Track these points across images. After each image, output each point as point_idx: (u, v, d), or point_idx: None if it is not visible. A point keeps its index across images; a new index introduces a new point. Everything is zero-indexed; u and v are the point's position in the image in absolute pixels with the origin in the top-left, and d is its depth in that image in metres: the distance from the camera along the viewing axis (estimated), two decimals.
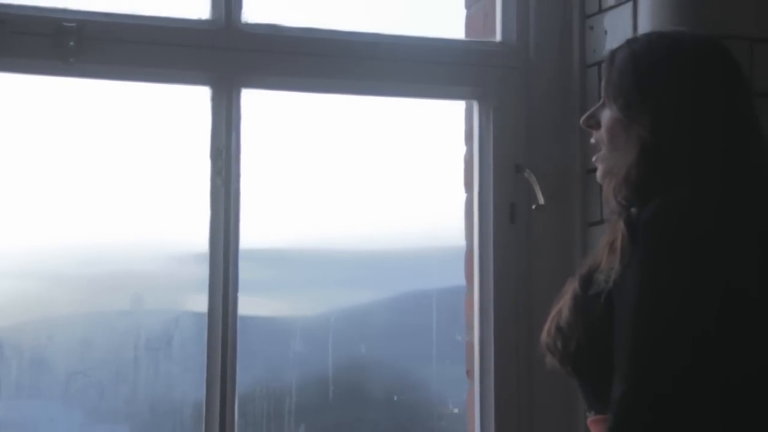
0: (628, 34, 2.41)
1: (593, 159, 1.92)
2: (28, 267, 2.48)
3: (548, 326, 1.87)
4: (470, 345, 2.67)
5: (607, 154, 1.87)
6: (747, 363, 1.70)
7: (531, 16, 2.72)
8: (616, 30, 2.56)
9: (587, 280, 1.83)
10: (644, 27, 2.44)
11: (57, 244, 2.49)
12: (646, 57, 1.84)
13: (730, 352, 1.68)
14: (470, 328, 2.68)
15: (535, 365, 2.45)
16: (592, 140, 1.92)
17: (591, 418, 1.83)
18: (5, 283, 2.47)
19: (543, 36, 2.72)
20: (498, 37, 2.75)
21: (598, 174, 1.91)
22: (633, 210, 1.76)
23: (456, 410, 2.71)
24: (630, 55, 1.85)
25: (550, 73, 2.71)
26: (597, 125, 1.90)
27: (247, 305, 2.49)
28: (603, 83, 1.90)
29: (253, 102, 2.54)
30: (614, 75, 1.86)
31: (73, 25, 2.40)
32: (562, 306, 1.85)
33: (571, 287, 1.85)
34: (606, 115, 1.87)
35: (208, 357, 2.45)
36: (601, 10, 2.65)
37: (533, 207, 2.62)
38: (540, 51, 2.72)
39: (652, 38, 1.89)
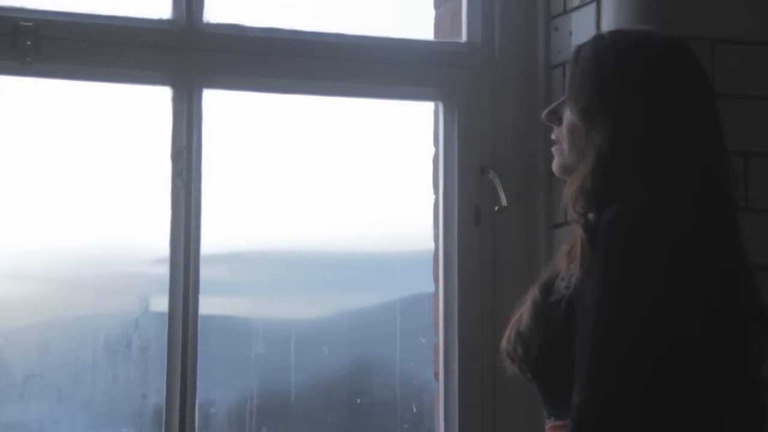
0: (593, 34, 2.39)
1: (552, 148, 1.91)
2: None
3: (508, 333, 1.86)
4: (437, 348, 2.66)
5: (565, 150, 1.86)
6: (705, 370, 1.69)
7: (496, 16, 2.71)
8: (581, 31, 2.55)
9: (548, 288, 1.82)
10: (608, 28, 2.42)
11: (9, 247, 2.46)
12: (609, 59, 1.82)
13: (690, 361, 1.67)
14: (437, 330, 2.67)
15: (499, 368, 2.43)
16: (553, 136, 1.90)
17: (550, 424, 1.82)
18: None
19: (508, 37, 2.71)
20: (464, 38, 2.73)
21: (555, 166, 1.89)
22: (591, 215, 1.75)
23: (415, 410, 2.70)
24: (594, 56, 1.83)
25: (515, 73, 2.70)
26: (558, 121, 1.88)
27: (208, 306, 2.47)
28: (567, 80, 1.88)
29: (215, 103, 2.52)
30: (577, 74, 1.85)
31: (30, 24, 2.37)
32: (523, 312, 1.84)
33: (531, 294, 1.84)
34: (567, 115, 1.86)
35: (168, 359, 2.43)
36: (566, 11, 2.64)
37: (496, 209, 2.61)
38: (505, 52, 2.70)
39: (617, 38, 1.87)
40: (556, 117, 1.89)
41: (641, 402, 1.64)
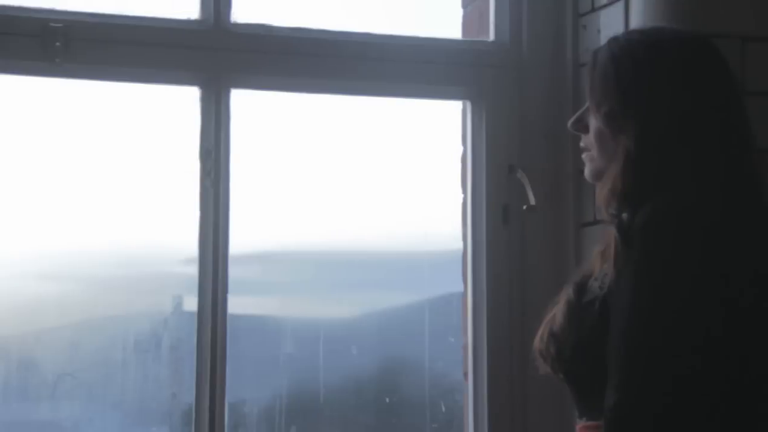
0: (621, 32, 2.39)
1: (582, 156, 1.90)
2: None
3: (541, 332, 1.85)
4: (466, 347, 2.66)
5: (596, 155, 1.85)
6: (739, 369, 1.68)
7: (524, 15, 2.70)
8: (609, 29, 2.54)
9: (581, 288, 1.81)
10: (637, 25, 2.42)
11: (40, 247, 2.47)
12: (626, 60, 1.81)
13: (725, 360, 1.66)
14: (465, 330, 2.66)
15: (529, 367, 2.43)
16: (582, 144, 1.90)
17: (581, 425, 1.82)
18: None
19: (536, 35, 2.70)
20: (491, 37, 2.73)
21: (587, 173, 1.89)
22: (624, 215, 1.74)
23: (444, 409, 2.70)
24: (610, 58, 1.83)
25: (544, 72, 2.69)
26: (585, 129, 1.87)
27: (238, 306, 2.47)
28: (587, 87, 1.87)
29: (243, 102, 2.52)
30: (596, 80, 1.84)
31: (60, 25, 2.38)
32: (556, 312, 1.84)
33: (565, 293, 1.84)
34: (593, 122, 1.85)
35: (198, 359, 2.43)
36: (594, 9, 2.63)
37: (524, 208, 2.60)
38: (533, 50, 2.70)
39: (632, 38, 1.86)
40: (582, 125, 1.89)
41: (675, 402, 1.62)
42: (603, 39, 2.55)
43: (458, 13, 2.82)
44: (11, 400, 2.49)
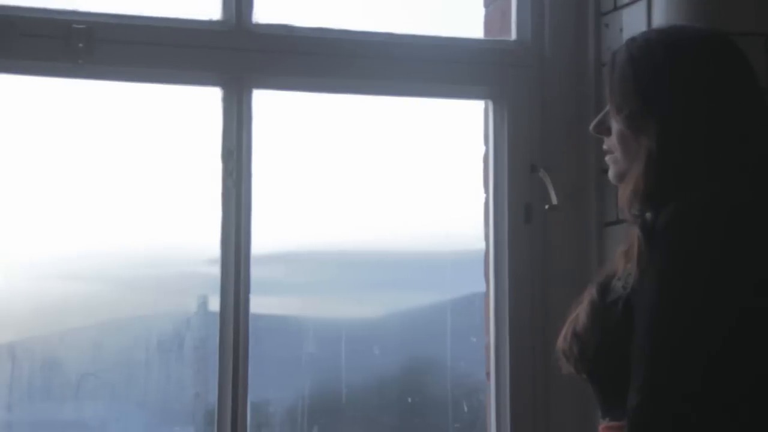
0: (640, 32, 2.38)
1: (606, 158, 1.90)
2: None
3: (565, 331, 1.85)
4: (488, 347, 2.65)
5: (619, 157, 1.84)
6: (765, 370, 1.67)
7: (546, 14, 2.70)
8: (632, 27, 2.53)
9: (605, 288, 1.81)
10: (659, 24, 2.41)
11: (64, 248, 2.49)
12: (645, 61, 1.80)
13: (749, 362, 1.65)
14: (488, 330, 2.66)
15: (551, 367, 2.42)
16: (605, 146, 1.89)
17: (604, 425, 1.81)
18: None
19: (558, 34, 2.69)
20: (513, 36, 2.72)
21: (611, 175, 1.88)
22: (648, 215, 1.73)
23: (467, 409, 2.70)
24: (629, 60, 1.82)
25: (566, 71, 2.68)
26: (607, 132, 1.87)
27: (260, 306, 2.48)
28: (607, 90, 1.87)
29: (265, 103, 2.53)
30: (615, 82, 1.83)
31: (83, 26, 2.39)
32: (579, 312, 1.83)
33: (589, 293, 1.83)
34: (614, 124, 1.84)
35: (220, 359, 2.44)
36: (616, 8, 2.62)
37: (546, 207, 2.60)
38: (555, 50, 2.69)
39: (650, 38, 1.85)
40: (604, 128, 1.88)
41: (699, 403, 1.62)
42: (625, 38, 2.53)
43: (480, 12, 2.82)
44: (35, 399, 2.50)
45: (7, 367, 2.46)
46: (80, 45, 2.38)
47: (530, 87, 2.67)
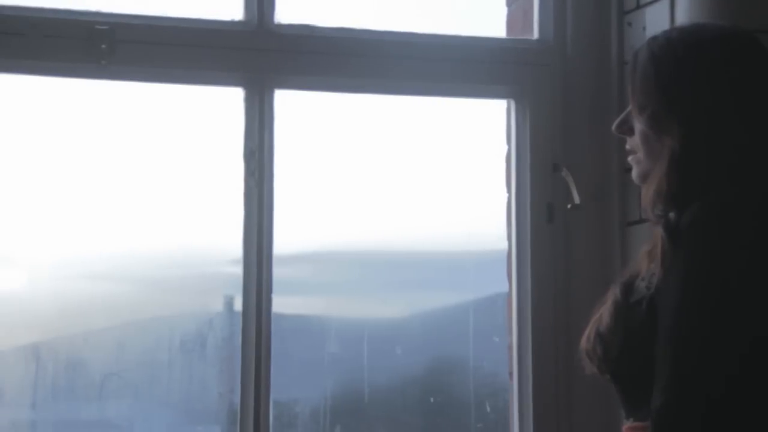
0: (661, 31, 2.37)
1: (629, 159, 1.89)
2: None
3: (588, 332, 1.84)
4: (511, 347, 2.65)
5: (642, 157, 1.84)
6: None
7: (568, 13, 2.69)
8: (655, 26, 2.52)
9: (628, 288, 1.80)
10: (682, 22, 2.40)
11: (88, 248, 2.49)
12: (667, 59, 1.79)
13: None
14: (510, 330, 2.65)
15: (574, 367, 2.42)
16: (628, 146, 1.88)
17: (628, 425, 1.80)
18: None
19: (580, 33, 2.69)
20: (535, 35, 2.71)
21: (634, 175, 1.87)
22: (671, 214, 1.72)
23: (489, 409, 2.69)
24: (650, 59, 1.81)
25: (588, 70, 2.68)
26: (630, 132, 1.86)
27: (283, 306, 2.48)
28: (629, 89, 1.85)
29: (287, 103, 2.53)
30: (637, 81, 1.82)
31: (106, 27, 2.40)
32: (603, 312, 1.82)
33: (612, 293, 1.82)
34: (637, 124, 1.83)
35: (243, 358, 2.45)
36: (639, 6, 2.61)
37: (568, 207, 2.59)
38: (577, 48, 2.68)
39: (672, 37, 1.83)
40: (627, 128, 1.87)
41: (723, 403, 1.61)
42: (648, 36, 2.53)
43: (502, 11, 2.81)
44: (60, 399, 2.51)
45: (32, 367, 2.47)
46: (103, 46, 2.39)
47: (552, 86, 2.66)
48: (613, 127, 1.90)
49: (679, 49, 1.79)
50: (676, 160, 1.74)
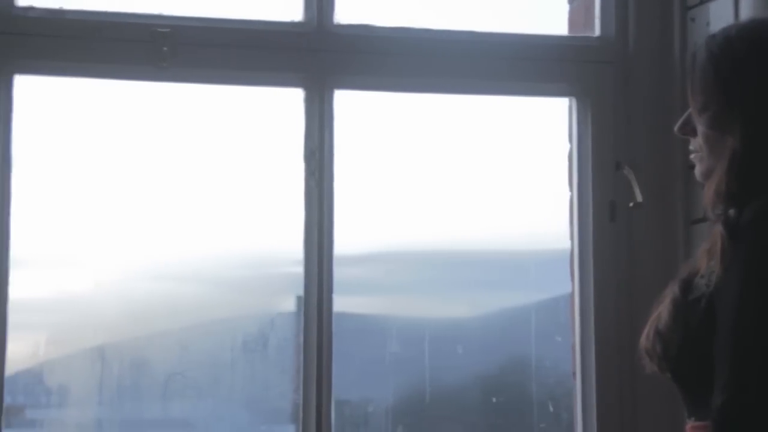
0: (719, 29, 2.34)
1: (691, 157, 1.87)
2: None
3: (647, 330, 1.82)
4: (574, 346, 2.63)
5: (705, 156, 1.81)
6: None
7: (630, 9, 2.67)
8: (719, 21, 2.48)
9: (687, 285, 1.78)
10: (747, 16, 2.36)
11: (152, 251, 2.52)
12: (725, 58, 1.76)
13: None
14: (573, 329, 2.64)
15: (638, 366, 2.39)
16: (691, 146, 1.86)
17: (690, 425, 1.78)
18: None
19: (642, 29, 2.66)
20: (597, 32, 2.69)
21: (697, 173, 1.85)
22: (731, 212, 1.70)
23: (552, 409, 2.68)
24: (709, 58, 1.78)
25: (651, 67, 2.65)
26: (692, 132, 1.83)
27: (344, 305, 2.49)
28: (688, 90, 1.83)
29: (346, 103, 2.53)
30: (697, 82, 1.80)
31: (167, 30, 2.43)
32: (662, 310, 1.80)
33: (671, 291, 1.80)
34: (699, 126, 1.81)
35: (304, 358, 2.45)
36: (703, 2, 2.58)
37: (631, 205, 2.56)
38: (640, 45, 2.66)
39: (730, 35, 1.80)
40: (689, 128, 1.85)
41: None
42: (712, 32, 2.50)
43: (564, 8, 2.80)
44: (124, 399, 2.54)
45: (98, 368, 2.50)
46: (164, 48, 2.42)
47: (614, 83, 2.64)
48: (676, 128, 1.88)
49: (738, 48, 1.77)
50: (738, 159, 1.72)
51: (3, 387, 2.35)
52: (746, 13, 2.40)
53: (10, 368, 2.38)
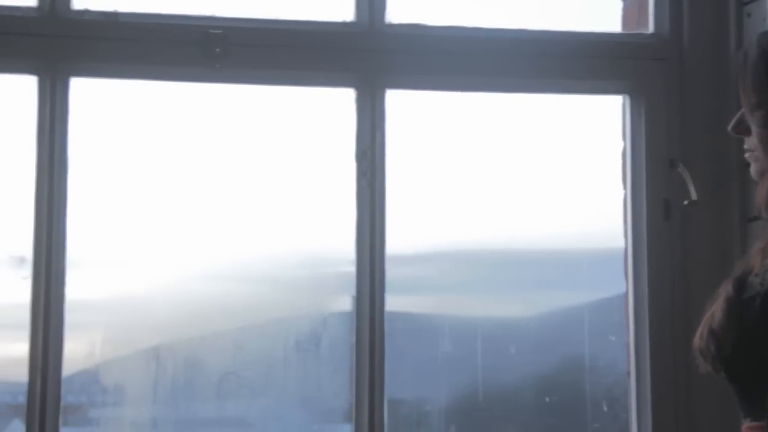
0: None
1: (746, 155, 1.84)
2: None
3: (701, 330, 1.81)
4: (628, 346, 2.61)
5: (760, 155, 1.79)
6: None
7: (685, 5, 2.64)
8: None
9: (741, 284, 1.76)
10: None
11: (204, 250, 2.54)
12: None
13: None
14: (628, 328, 2.62)
15: (693, 366, 2.37)
16: (746, 146, 1.84)
17: (746, 425, 1.76)
18: None
19: (697, 25, 2.64)
20: (651, 29, 2.67)
21: (752, 172, 1.83)
22: None
23: (606, 409, 2.66)
24: (761, 56, 1.76)
25: (705, 64, 2.62)
26: (746, 132, 1.81)
27: (395, 304, 2.49)
28: (740, 88, 1.81)
29: (398, 102, 2.54)
30: (748, 81, 1.78)
31: (219, 31, 2.44)
32: (716, 309, 1.78)
33: (725, 290, 1.78)
34: (752, 125, 1.79)
35: (357, 358, 2.46)
36: None
37: (685, 203, 2.54)
38: (694, 41, 2.63)
39: None
40: (743, 128, 1.83)
41: None
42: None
43: (617, 5, 2.78)
44: (179, 398, 2.56)
45: (152, 368, 2.52)
46: (217, 50, 2.44)
47: (668, 81, 2.62)
48: (729, 128, 1.86)
49: None
50: None
51: (60, 385, 2.38)
52: None
53: (67, 368, 2.40)
